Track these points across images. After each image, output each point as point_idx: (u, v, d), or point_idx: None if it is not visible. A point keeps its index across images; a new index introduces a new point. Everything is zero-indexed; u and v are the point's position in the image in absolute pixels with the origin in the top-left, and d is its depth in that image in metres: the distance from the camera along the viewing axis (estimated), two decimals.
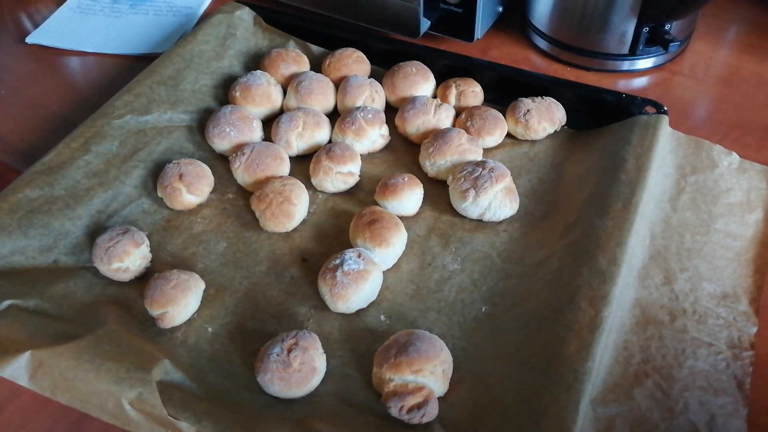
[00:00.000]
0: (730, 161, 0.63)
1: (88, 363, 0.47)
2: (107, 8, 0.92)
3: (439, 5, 0.77)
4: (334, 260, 0.54)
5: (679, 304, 0.53)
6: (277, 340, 0.49)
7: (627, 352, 0.50)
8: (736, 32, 0.84)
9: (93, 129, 0.65)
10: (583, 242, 0.55)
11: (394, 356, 0.48)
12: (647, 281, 0.55)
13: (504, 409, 0.47)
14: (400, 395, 0.46)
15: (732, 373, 0.49)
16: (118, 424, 0.46)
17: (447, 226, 0.61)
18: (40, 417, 0.50)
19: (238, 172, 0.64)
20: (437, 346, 0.49)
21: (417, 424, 0.47)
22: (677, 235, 0.58)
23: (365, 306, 0.55)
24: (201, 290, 0.55)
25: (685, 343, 0.51)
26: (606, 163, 0.61)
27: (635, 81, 0.77)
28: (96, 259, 0.56)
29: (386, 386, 0.48)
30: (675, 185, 0.62)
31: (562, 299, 0.51)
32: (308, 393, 0.49)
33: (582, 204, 0.59)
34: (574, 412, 0.44)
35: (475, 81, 0.72)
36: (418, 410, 0.46)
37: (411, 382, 0.47)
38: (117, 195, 0.62)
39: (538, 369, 0.48)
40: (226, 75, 0.76)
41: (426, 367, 0.47)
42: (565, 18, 0.76)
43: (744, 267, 0.56)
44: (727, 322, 0.52)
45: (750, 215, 0.60)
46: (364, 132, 0.66)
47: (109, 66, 0.83)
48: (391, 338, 0.50)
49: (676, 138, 0.65)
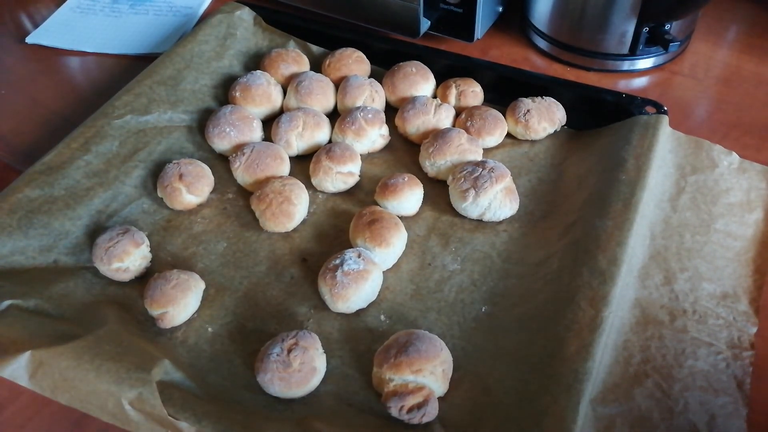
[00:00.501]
0: (730, 161, 0.63)
1: (88, 363, 0.47)
2: (107, 8, 0.92)
3: (439, 5, 0.77)
4: (334, 260, 0.54)
5: (679, 304, 0.53)
6: (277, 340, 0.49)
7: (627, 352, 0.50)
8: (736, 32, 0.84)
9: (93, 129, 0.65)
10: (583, 242, 0.55)
11: (394, 356, 0.48)
12: (647, 281, 0.55)
13: (504, 409, 0.47)
14: (400, 395, 0.46)
15: (732, 373, 0.49)
16: (118, 424, 0.46)
17: (447, 226, 0.61)
18: (40, 417, 0.50)
19: (238, 172, 0.64)
20: (437, 346, 0.49)
21: (417, 424, 0.47)
22: (677, 235, 0.58)
23: (365, 306, 0.55)
24: (201, 290, 0.55)
25: (685, 343, 0.51)
26: (606, 163, 0.61)
27: (635, 81, 0.77)
28: (96, 259, 0.56)
29: (386, 386, 0.48)
30: (675, 185, 0.62)
31: (562, 299, 0.51)
32: (308, 393, 0.49)
33: (582, 204, 0.59)
34: (574, 412, 0.44)
35: (475, 81, 0.72)
36: (418, 410, 0.46)
37: (411, 382, 0.47)
38: (117, 195, 0.63)
39: (538, 369, 0.48)
40: (226, 75, 0.76)
41: (426, 367, 0.47)
42: (565, 18, 0.76)
43: (744, 267, 0.56)
44: (727, 322, 0.52)
45: (750, 215, 0.60)
46: (364, 132, 0.66)
47: (109, 66, 0.83)
48: (391, 338, 0.50)
49: (676, 138, 0.65)
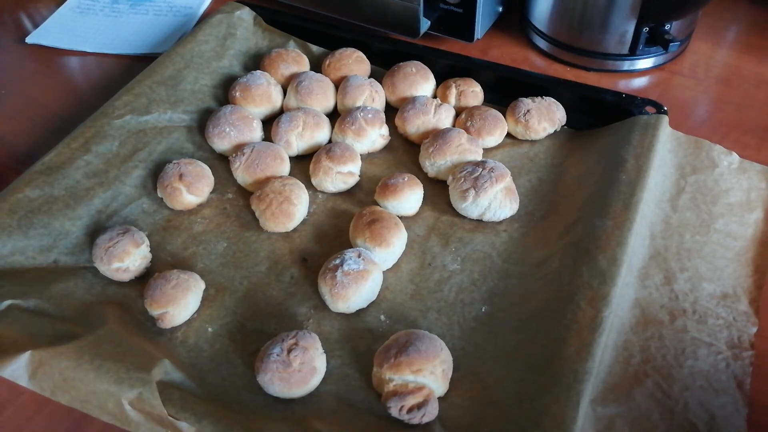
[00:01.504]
0: (730, 161, 0.63)
1: (88, 363, 0.47)
2: (107, 8, 0.92)
3: (439, 5, 0.77)
4: (334, 260, 0.54)
5: (679, 304, 0.53)
6: (277, 340, 0.49)
7: (627, 352, 0.50)
8: (736, 32, 0.84)
9: (93, 129, 0.65)
10: (583, 242, 0.55)
11: (394, 356, 0.47)
12: (647, 281, 0.55)
13: (504, 409, 0.47)
14: (400, 395, 0.46)
15: (732, 373, 0.49)
16: (117, 424, 0.46)
17: (447, 226, 0.61)
18: (40, 417, 0.50)
19: (238, 172, 0.64)
20: (437, 346, 0.49)
21: (417, 424, 0.47)
22: (677, 235, 0.58)
23: (365, 306, 0.54)
24: (201, 290, 0.55)
25: (685, 343, 0.51)
26: (606, 163, 0.61)
27: (635, 81, 0.77)
28: (96, 259, 0.56)
29: (386, 386, 0.48)
30: (675, 185, 0.62)
31: (562, 299, 0.51)
32: (308, 393, 0.49)
33: (582, 204, 0.59)
34: (574, 412, 0.44)
35: (475, 81, 0.72)
36: (418, 410, 0.46)
37: (411, 382, 0.47)
38: (117, 195, 0.63)
39: (538, 369, 0.48)
40: (226, 75, 0.76)
41: (426, 367, 0.47)
42: (565, 18, 0.76)
43: (744, 267, 0.56)
44: (727, 322, 0.52)
45: (750, 215, 0.60)
46: (364, 132, 0.66)
47: (109, 66, 0.83)
48: (391, 338, 0.50)
49: (676, 138, 0.65)
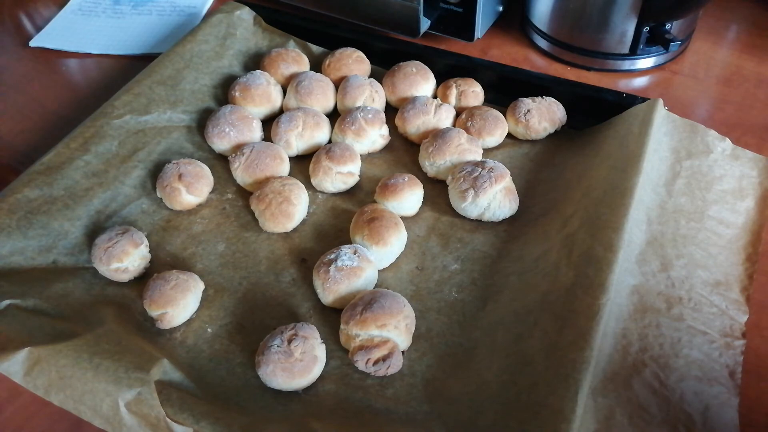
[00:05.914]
0: (724, 147, 0.63)
1: (86, 361, 0.47)
2: (109, 9, 0.92)
3: (439, 5, 0.77)
4: (330, 255, 0.55)
5: (675, 291, 0.53)
6: (276, 333, 0.50)
7: (626, 340, 0.50)
8: (736, 32, 0.84)
9: (92, 129, 0.65)
10: (580, 231, 0.55)
11: (360, 313, 0.50)
12: (644, 267, 0.54)
13: (503, 402, 0.46)
14: (366, 349, 0.49)
15: (724, 363, 0.49)
16: (109, 429, 0.45)
17: (447, 226, 0.61)
18: (40, 417, 0.50)
19: (238, 172, 0.64)
20: (400, 303, 0.51)
21: (391, 383, 0.49)
22: (673, 220, 0.58)
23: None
24: (200, 291, 0.55)
25: (681, 331, 0.51)
26: (603, 151, 0.62)
27: (636, 81, 0.77)
28: (95, 260, 0.56)
29: (353, 342, 0.50)
30: (670, 169, 0.62)
31: (559, 289, 0.51)
32: (310, 383, 0.49)
33: (580, 197, 0.59)
34: (572, 402, 0.43)
35: (476, 81, 0.72)
36: (383, 362, 0.49)
37: (376, 337, 0.50)
38: (116, 195, 0.62)
39: (535, 361, 0.48)
40: (226, 75, 0.76)
41: (390, 322, 0.50)
42: (565, 18, 0.76)
43: (735, 255, 0.56)
44: (720, 310, 0.52)
45: (741, 203, 0.60)
46: (364, 132, 0.66)
47: (109, 66, 0.83)
48: (357, 297, 0.52)
49: (671, 120, 0.65)
